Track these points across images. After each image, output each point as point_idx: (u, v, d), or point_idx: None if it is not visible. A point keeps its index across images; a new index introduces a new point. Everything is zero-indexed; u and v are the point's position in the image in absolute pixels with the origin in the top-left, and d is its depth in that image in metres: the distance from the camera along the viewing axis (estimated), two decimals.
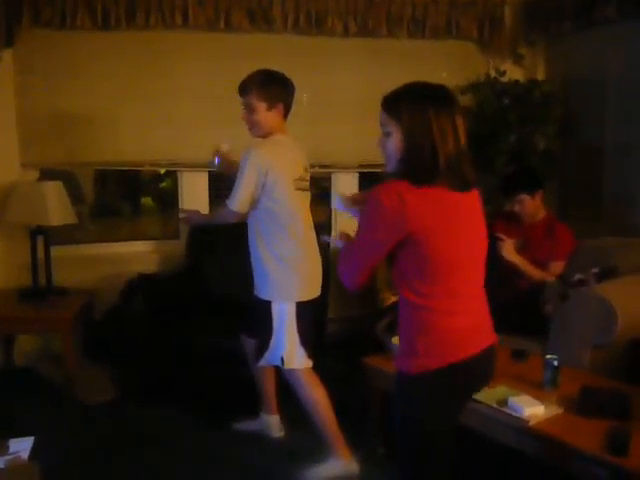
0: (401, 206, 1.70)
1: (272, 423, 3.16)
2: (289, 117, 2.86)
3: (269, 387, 3.11)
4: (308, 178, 2.89)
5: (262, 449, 3.05)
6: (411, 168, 1.75)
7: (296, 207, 2.81)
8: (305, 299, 2.83)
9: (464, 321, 1.84)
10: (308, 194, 2.89)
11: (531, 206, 3.51)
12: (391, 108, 1.79)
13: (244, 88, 2.77)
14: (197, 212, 3.20)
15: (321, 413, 2.83)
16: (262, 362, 2.89)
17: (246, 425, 3.19)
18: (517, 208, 3.52)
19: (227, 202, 2.77)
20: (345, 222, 2.12)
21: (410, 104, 1.76)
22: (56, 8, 3.66)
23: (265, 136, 2.80)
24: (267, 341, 2.82)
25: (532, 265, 3.43)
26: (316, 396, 2.85)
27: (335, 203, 2.09)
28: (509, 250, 3.43)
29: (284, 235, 2.78)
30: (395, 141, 1.78)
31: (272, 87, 2.76)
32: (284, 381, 2.96)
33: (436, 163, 1.73)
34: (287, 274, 2.79)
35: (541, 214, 3.55)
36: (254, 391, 3.14)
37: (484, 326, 1.91)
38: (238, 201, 2.73)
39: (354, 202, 2.03)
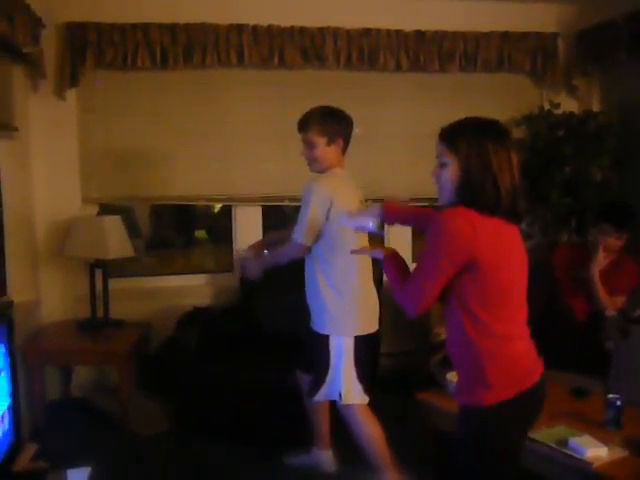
0: (473, 232, 1.74)
1: (325, 458, 3.12)
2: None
3: (323, 422, 3.08)
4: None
5: None
6: (474, 198, 1.79)
7: (357, 240, 2.82)
8: (363, 333, 2.83)
9: (524, 347, 1.89)
10: None
11: (622, 244, 3.44)
12: (449, 140, 1.84)
13: (304, 124, 2.81)
14: (254, 261, 3.03)
15: (377, 449, 2.80)
16: (319, 397, 2.87)
17: (299, 459, 3.16)
18: (612, 242, 3.41)
19: (293, 236, 2.79)
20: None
21: (468, 137, 1.81)
22: (118, 50, 3.80)
23: (324, 171, 2.82)
24: (324, 376, 2.81)
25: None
26: (372, 432, 2.82)
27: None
28: (599, 267, 3.36)
29: (344, 268, 2.79)
30: (451, 172, 1.83)
31: (332, 122, 2.79)
32: (337, 416, 2.94)
33: (498, 195, 1.78)
34: (346, 308, 2.80)
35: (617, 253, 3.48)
36: (306, 426, 3.12)
37: (535, 352, 1.95)
38: (304, 234, 2.75)
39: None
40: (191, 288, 4.19)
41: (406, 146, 4.28)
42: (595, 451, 2.29)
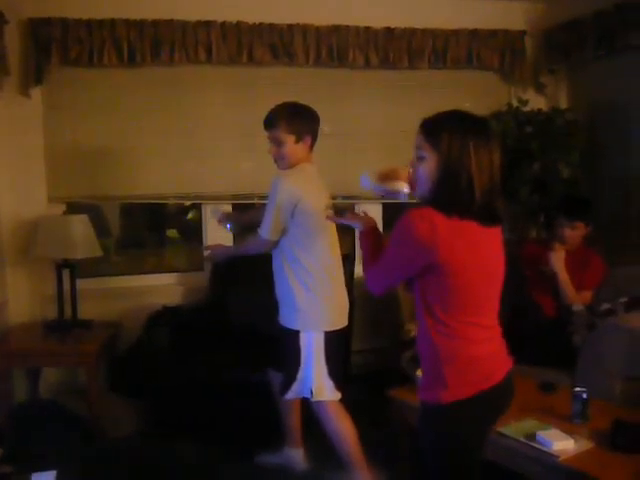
0: (432, 233, 1.70)
1: (296, 456, 3.12)
2: (315, 146, 2.88)
3: (294, 420, 3.07)
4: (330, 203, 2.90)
5: None
6: (445, 197, 1.74)
7: (325, 236, 2.83)
8: (333, 328, 2.83)
9: (488, 349, 1.86)
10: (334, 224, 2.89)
11: (581, 235, 3.48)
12: (430, 133, 1.77)
13: (271, 122, 2.77)
14: (222, 246, 3.19)
15: (348, 445, 2.80)
16: (290, 395, 2.86)
17: (270, 458, 3.15)
18: (568, 233, 3.45)
19: (259, 231, 2.78)
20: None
21: (450, 133, 1.74)
22: (84, 47, 3.74)
23: (292, 168, 2.81)
24: (295, 373, 2.80)
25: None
26: (343, 428, 2.82)
27: (362, 181, 2.06)
28: (559, 259, 3.39)
29: (313, 264, 2.78)
30: (428, 166, 1.77)
31: (299, 120, 2.77)
32: (308, 414, 2.93)
33: (472, 196, 1.72)
34: (316, 303, 2.79)
35: (580, 246, 3.51)
36: (278, 424, 3.11)
37: (503, 352, 1.93)
38: (270, 230, 2.75)
39: (383, 178, 2.02)
40: (161, 287, 4.15)
41: (376, 143, 4.28)
42: (562, 444, 2.31)
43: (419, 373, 2.81)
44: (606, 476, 2.15)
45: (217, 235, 3.86)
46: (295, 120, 2.76)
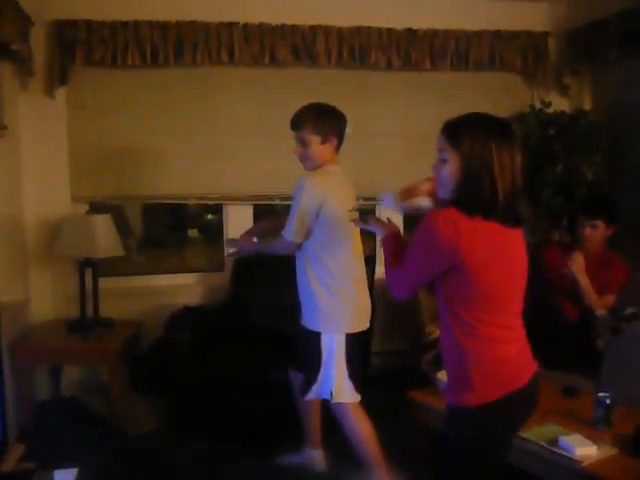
0: (456, 234, 1.71)
1: (316, 457, 3.11)
2: None
3: (314, 421, 3.07)
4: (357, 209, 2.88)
5: None
6: (469, 199, 1.75)
7: (348, 238, 2.82)
8: (355, 331, 2.82)
9: (514, 350, 1.85)
10: None
11: (601, 235, 3.43)
12: (452, 136, 1.78)
13: (297, 122, 2.77)
14: (248, 240, 3.06)
15: (368, 447, 2.80)
16: (310, 396, 2.86)
17: (289, 459, 3.16)
18: (588, 232, 3.41)
19: (283, 233, 2.77)
20: None
21: (473, 135, 1.75)
22: (108, 48, 3.78)
23: (317, 169, 2.80)
24: (315, 374, 2.80)
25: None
26: (363, 430, 2.82)
27: (384, 203, 2.06)
28: (579, 264, 3.35)
29: (336, 266, 2.78)
30: (451, 169, 1.78)
31: (325, 120, 2.76)
32: (329, 415, 2.93)
33: (495, 198, 1.73)
34: (337, 305, 2.79)
35: (600, 247, 3.47)
36: (298, 424, 3.12)
37: (528, 354, 1.92)
38: (294, 231, 2.74)
39: (404, 196, 2.03)
40: (182, 287, 4.17)
41: (398, 144, 4.27)
42: (585, 450, 2.29)
43: (440, 375, 2.82)
44: None
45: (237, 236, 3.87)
46: (321, 121, 2.74)
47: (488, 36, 4.27)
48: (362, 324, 2.88)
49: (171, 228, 5.35)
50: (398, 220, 4.36)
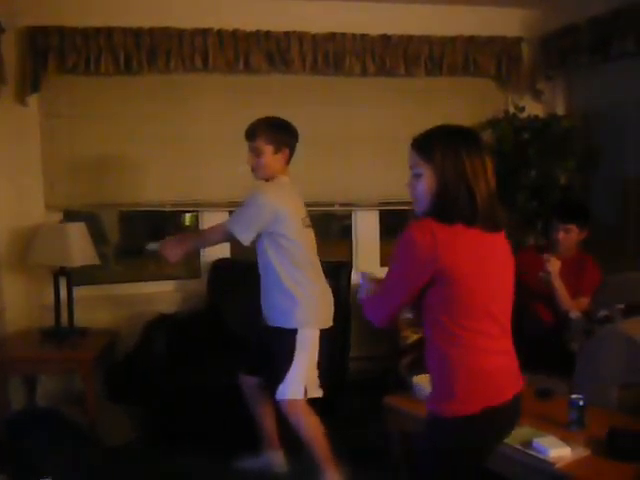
0: (433, 243, 1.71)
1: (276, 459, 3.13)
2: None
3: (270, 423, 3.11)
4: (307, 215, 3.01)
5: None
6: (447, 208, 1.75)
7: (308, 243, 2.95)
8: (324, 327, 2.94)
9: (500, 362, 1.83)
10: (312, 230, 3.01)
11: (574, 239, 3.48)
12: (423, 149, 1.80)
13: (252, 132, 2.91)
14: (174, 244, 3.01)
15: (319, 440, 2.87)
16: (280, 395, 2.88)
17: (250, 463, 3.16)
18: (562, 236, 3.46)
19: (228, 225, 2.84)
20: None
21: (442, 146, 1.77)
22: (81, 55, 3.75)
23: (268, 179, 2.91)
24: (285, 372, 2.84)
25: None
26: (314, 424, 2.89)
27: (359, 276, 2.05)
28: (555, 267, 3.38)
29: (302, 268, 2.90)
30: (427, 182, 1.78)
31: (279, 132, 2.90)
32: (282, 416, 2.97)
33: (473, 204, 1.74)
34: (310, 303, 2.89)
35: (574, 251, 3.50)
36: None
37: (515, 369, 1.90)
38: (244, 229, 2.80)
39: (374, 282, 1.99)
40: (158, 294, 4.15)
41: (373, 150, 4.28)
42: (558, 451, 2.30)
43: (417, 380, 2.83)
44: None
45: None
46: (275, 132, 2.88)
47: (462, 41, 4.30)
48: (328, 321, 2.98)
49: (148, 236, 5.31)
50: (374, 221, 4.42)
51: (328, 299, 3.02)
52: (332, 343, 3.67)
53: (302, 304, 2.88)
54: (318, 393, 2.91)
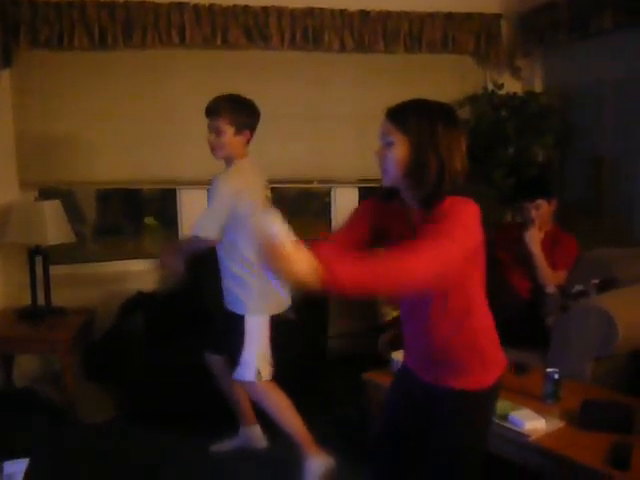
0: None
1: (254, 434, 3.13)
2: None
3: (243, 398, 3.08)
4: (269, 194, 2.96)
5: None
6: (420, 180, 1.70)
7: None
8: (277, 312, 2.90)
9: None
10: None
11: (547, 212, 3.50)
12: (397, 117, 1.73)
13: (214, 110, 2.80)
14: (171, 257, 3.03)
15: (288, 418, 2.84)
16: (237, 376, 2.88)
17: (226, 445, 3.15)
18: (534, 213, 3.48)
19: (198, 231, 2.78)
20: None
21: (418, 115, 1.72)
22: (53, 29, 3.68)
23: (227, 159, 2.84)
24: (238, 355, 2.83)
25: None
26: (279, 403, 2.86)
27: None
28: (534, 237, 3.42)
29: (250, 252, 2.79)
30: (398, 152, 1.71)
31: (242, 113, 2.80)
32: None
33: (442, 180, 1.69)
34: (261, 289, 2.81)
35: (549, 225, 3.53)
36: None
37: None
38: (212, 228, 2.75)
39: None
40: (136, 273, 4.11)
41: (352, 127, 4.26)
42: (533, 424, 2.34)
43: (395, 355, 2.85)
44: (575, 454, 2.18)
45: (192, 221, 3.83)
46: (238, 112, 2.78)
47: (441, 18, 4.27)
48: (282, 306, 2.94)
49: (127, 214, 5.27)
50: (352, 197, 4.41)
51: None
52: (312, 324, 3.71)
53: (252, 290, 2.82)
54: (270, 376, 2.87)
